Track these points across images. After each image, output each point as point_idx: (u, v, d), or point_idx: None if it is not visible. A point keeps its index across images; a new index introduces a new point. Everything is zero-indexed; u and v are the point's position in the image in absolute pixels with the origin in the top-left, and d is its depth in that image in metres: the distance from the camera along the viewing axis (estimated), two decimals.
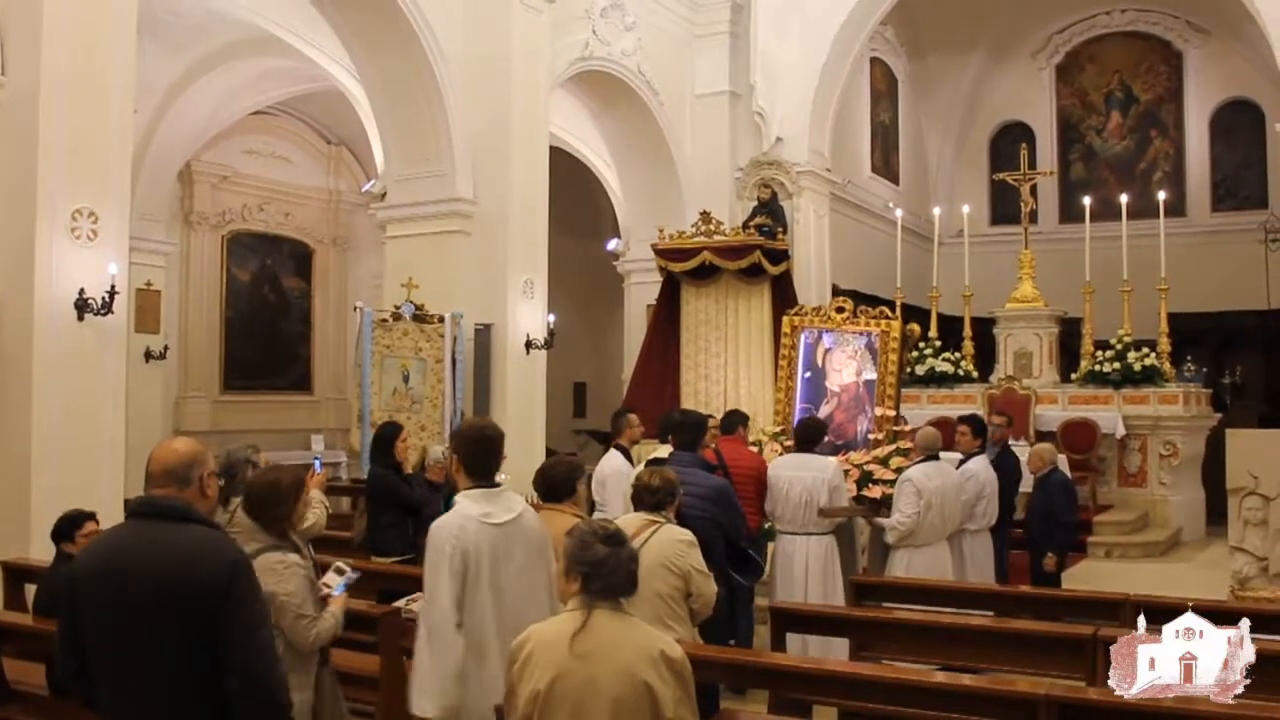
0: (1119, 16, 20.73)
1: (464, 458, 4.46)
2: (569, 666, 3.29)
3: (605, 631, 3.33)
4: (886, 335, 10.41)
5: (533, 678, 3.34)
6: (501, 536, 4.26)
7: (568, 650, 3.30)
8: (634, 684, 3.27)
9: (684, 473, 5.65)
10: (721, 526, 5.79)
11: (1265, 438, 9.61)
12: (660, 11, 15.80)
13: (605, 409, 17.96)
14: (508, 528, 4.30)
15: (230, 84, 15.14)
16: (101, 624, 3.17)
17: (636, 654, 3.31)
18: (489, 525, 4.25)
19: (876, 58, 19.34)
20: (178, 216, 16.32)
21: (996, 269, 15.98)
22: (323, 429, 17.72)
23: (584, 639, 3.30)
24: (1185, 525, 13.31)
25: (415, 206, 12.79)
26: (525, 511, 4.44)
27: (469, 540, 4.20)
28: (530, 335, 12.88)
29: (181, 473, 3.29)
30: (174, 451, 3.33)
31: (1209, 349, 17.56)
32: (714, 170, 16.28)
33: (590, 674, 3.28)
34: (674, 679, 3.32)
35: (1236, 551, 8.50)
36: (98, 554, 3.31)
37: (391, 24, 12.00)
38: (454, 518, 4.29)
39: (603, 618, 3.35)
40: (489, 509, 4.29)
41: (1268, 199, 18.80)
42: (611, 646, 3.31)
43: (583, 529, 3.51)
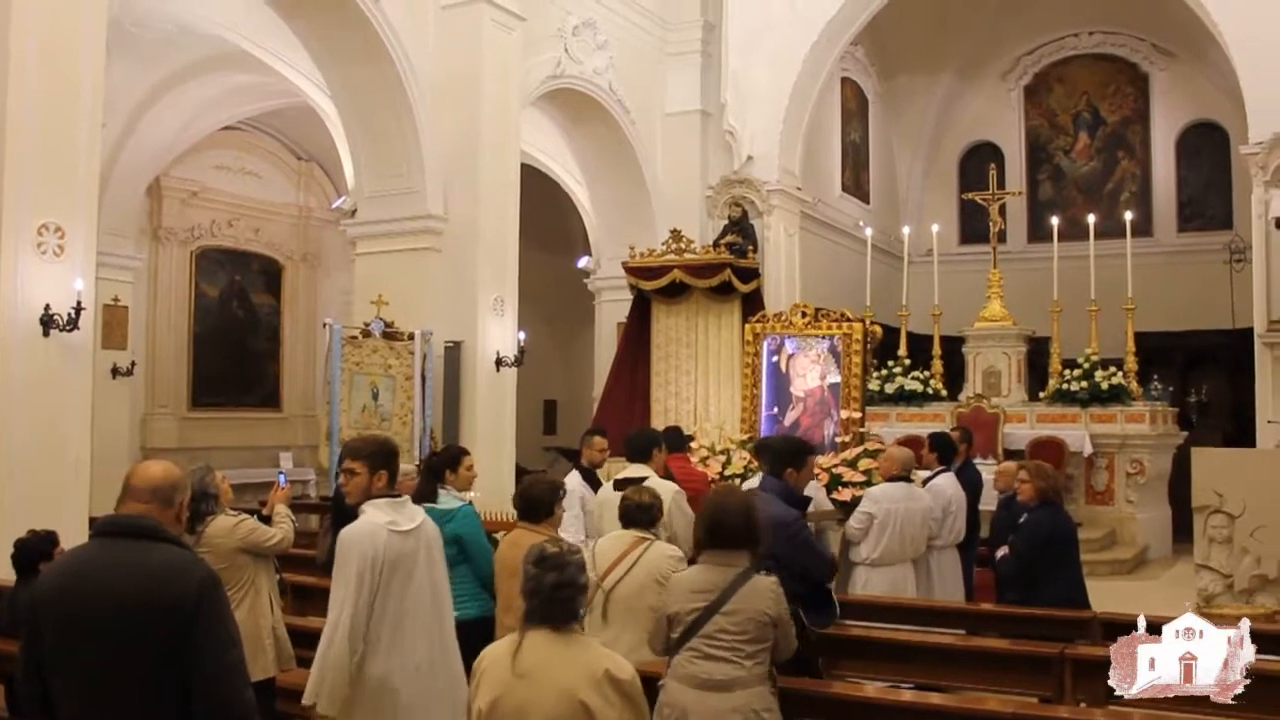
0: (1086, 39, 20.91)
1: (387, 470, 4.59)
2: (510, 686, 3.37)
3: (543, 652, 3.38)
4: (849, 338, 10.45)
5: (479, 696, 3.44)
6: (405, 544, 4.47)
7: (509, 670, 3.38)
8: (571, 704, 3.30)
9: (759, 498, 5.39)
10: (776, 558, 5.18)
11: (1230, 456, 9.72)
12: (632, 30, 15.85)
13: (576, 426, 17.93)
14: (410, 535, 4.50)
15: (200, 99, 15.06)
16: (65, 645, 3.08)
17: (577, 674, 3.34)
18: (395, 533, 4.46)
19: (847, 77, 19.43)
20: (146, 232, 16.21)
21: (965, 288, 16.04)
22: (291, 446, 17.60)
23: (522, 659, 3.38)
24: (1152, 543, 13.39)
25: (385, 223, 12.76)
26: (425, 521, 4.64)
27: (378, 547, 4.40)
28: (500, 353, 12.85)
29: (167, 493, 3.25)
30: (163, 470, 3.29)
31: (1175, 368, 17.69)
32: (685, 188, 16.34)
33: (528, 694, 3.34)
34: (620, 700, 3.35)
35: (1202, 569, 8.56)
36: (62, 573, 3.23)
37: (362, 40, 11.99)
38: (364, 525, 4.47)
39: (537, 639, 3.41)
40: (394, 517, 4.49)
41: (1232, 219, 18.96)
42: (550, 667, 3.36)
43: (530, 552, 3.53)
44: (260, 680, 5.30)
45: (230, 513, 5.84)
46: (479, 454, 10.72)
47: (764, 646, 4.22)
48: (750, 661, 4.16)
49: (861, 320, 10.60)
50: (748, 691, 4.12)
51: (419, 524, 4.56)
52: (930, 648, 6.30)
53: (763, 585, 4.24)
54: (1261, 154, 13.19)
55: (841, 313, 10.74)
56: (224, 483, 5.95)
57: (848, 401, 10.20)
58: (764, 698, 4.17)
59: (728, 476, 8.48)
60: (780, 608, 4.29)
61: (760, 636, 4.20)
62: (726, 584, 4.20)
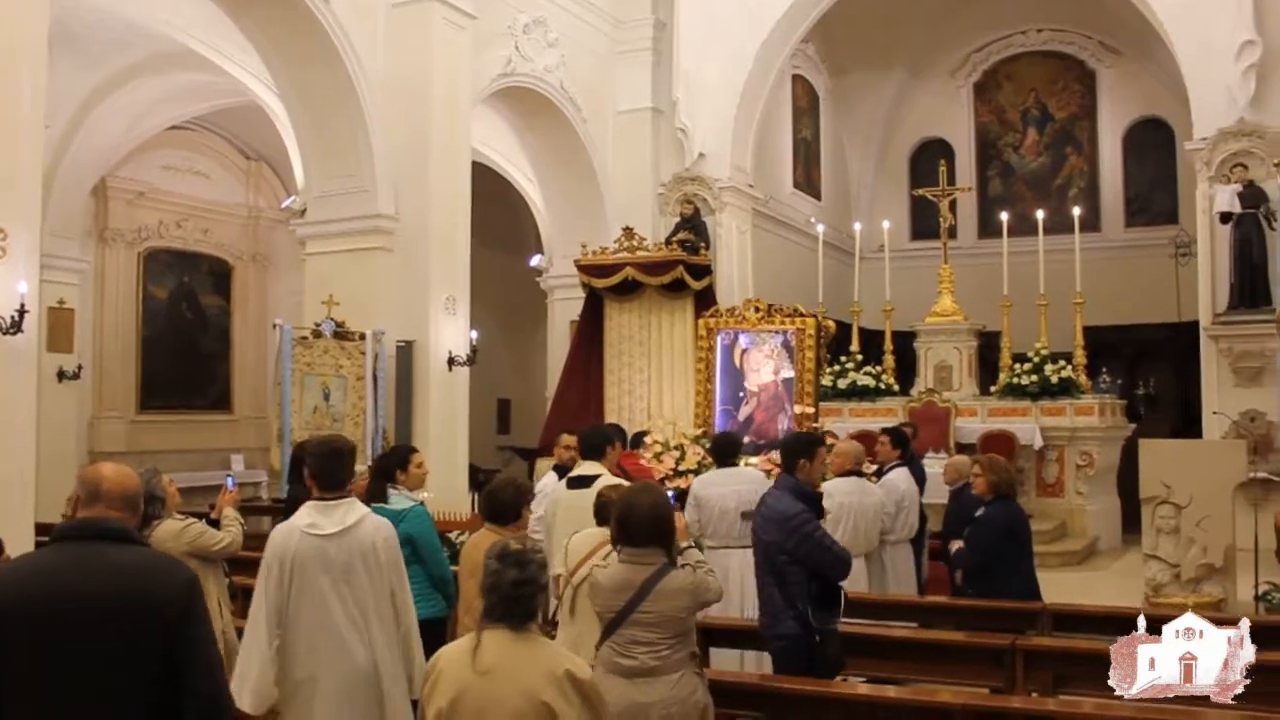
0: (1034, 36, 21.11)
1: (311, 471, 4.64)
2: (470, 684, 3.35)
3: (503, 651, 3.37)
4: (802, 333, 10.47)
5: (438, 696, 3.41)
6: (324, 547, 4.43)
7: (470, 669, 3.36)
8: (534, 703, 3.30)
9: (770, 496, 5.61)
10: (789, 554, 5.33)
11: (1177, 448, 9.84)
12: (583, 28, 15.83)
13: (530, 425, 17.92)
14: (333, 539, 4.45)
15: (147, 98, 14.89)
16: (33, 653, 2.91)
17: (539, 674, 3.35)
18: (311, 536, 4.44)
19: (798, 74, 19.51)
20: (92, 233, 16.01)
21: (917, 283, 16.15)
22: (242, 448, 17.44)
23: (482, 657, 3.36)
24: (1102, 534, 13.54)
25: (336, 223, 12.67)
26: (359, 525, 4.53)
27: (290, 549, 4.43)
28: (453, 352, 12.80)
29: (134, 500, 3.18)
30: (128, 475, 3.21)
31: (1123, 361, 17.90)
32: (637, 186, 16.34)
33: (490, 693, 3.33)
34: (580, 700, 3.36)
35: (1150, 559, 8.67)
36: (23, 578, 3.07)
37: (311, 38, 11.89)
38: (284, 527, 4.55)
39: (496, 637, 3.40)
40: (317, 520, 4.48)
41: (1178, 214, 19.19)
42: (512, 666, 3.35)
43: (493, 547, 3.53)
44: None
45: (177, 516, 5.77)
46: (432, 454, 10.70)
47: (683, 635, 4.28)
48: (670, 651, 4.22)
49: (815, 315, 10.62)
50: (669, 679, 4.18)
51: (347, 527, 4.49)
52: (884, 641, 6.33)
53: (677, 583, 4.26)
54: (1206, 150, 13.37)
55: (795, 308, 10.77)
56: (171, 486, 5.88)
57: (801, 397, 10.22)
58: (685, 683, 4.22)
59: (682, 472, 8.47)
60: (698, 598, 4.35)
61: (680, 629, 4.26)
62: (641, 583, 4.23)
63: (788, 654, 5.38)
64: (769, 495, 5.63)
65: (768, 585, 5.44)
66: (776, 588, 5.37)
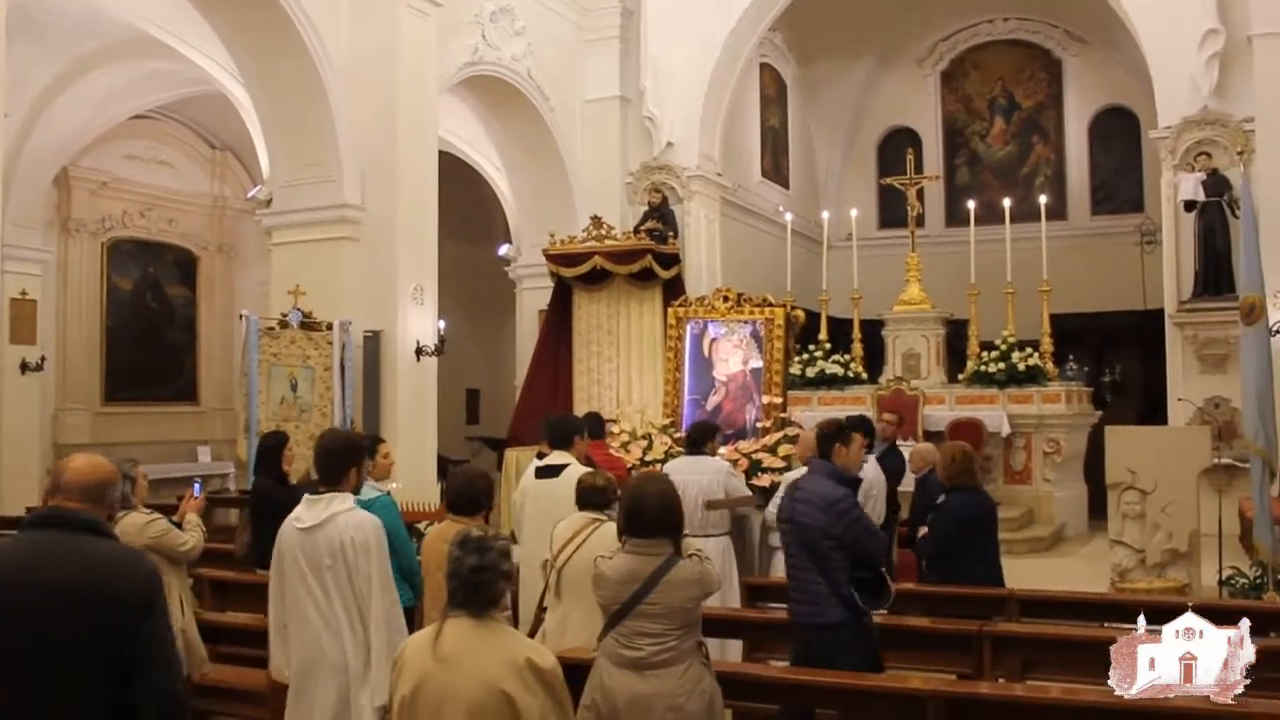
0: (1001, 25, 21.17)
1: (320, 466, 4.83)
2: (432, 673, 3.38)
3: (464, 639, 3.39)
4: (771, 323, 10.47)
5: (402, 684, 3.44)
6: (302, 539, 4.60)
7: (431, 658, 3.38)
8: (493, 692, 3.32)
9: (805, 480, 5.53)
10: (836, 539, 5.21)
11: (1142, 434, 9.90)
12: (550, 17, 15.77)
13: (498, 415, 17.87)
14: (309, 532, 4.59)
15: (109, 86, 14.73)
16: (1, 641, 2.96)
17: (499, 663, 3.35)
18: (294, 529, 4.64)
19: (766, 63, 19.50)
20: (54, 224, 15.84)
21: (884, 272, 16.18)
22: (209, 440, 17.34)
23: (443, 644, 3.39)
24: (1069, 520, 13.61)
25: (302, 212, 12.60)
26: (331, 521, 4.59)
27: (282, 538, 4.68)
28: (421, 342, 12.74)
29: (97, 492, 3.18)
30: (95, 467, 3.21)
31: (1090, 348, 17.98)
32: (605, 175, 16.31)
33: (450, 682, 3.34)
34: (542, 688, 3.37)
35: (1116, 544, 8.71)
36: None
37: (275, 27, 11.80)
38: (289, 517, 4.74)
39: (458, 625, 3.41)
40: (302, 513, 4.66)
41: (1144, 202, 19.32)
42: (472, 654, 3.37)
43: (456, 535, 3.54)
44: None
45: (144, 510, 5.71)
46: (400, 444, 10.67)
47: (690, 626, 4.24)
48: (677, 642, 4.18)
49: (784, 305, 10.61)
50: (673, 670, 4.14)
51: (320, 522, 4.57)
52: None
53: (684, 574, 4.22)
54: (1170, 138, 13.45)
55: (764, 298, 10.76)
56: (142, 479, 5.83)
57: (769, 386, 10.22)
58: (690, 674, 4.18)
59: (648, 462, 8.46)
60: (705, 589, 4.31)
61: (686, 620, 4.22)
62: (649, 574, 4.19)
63: (833, 642, 5.21)
64: (804, 480, 5.55)
65: (805, 572, 5.30)
66: (820, 574, 5.23)
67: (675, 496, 4.43)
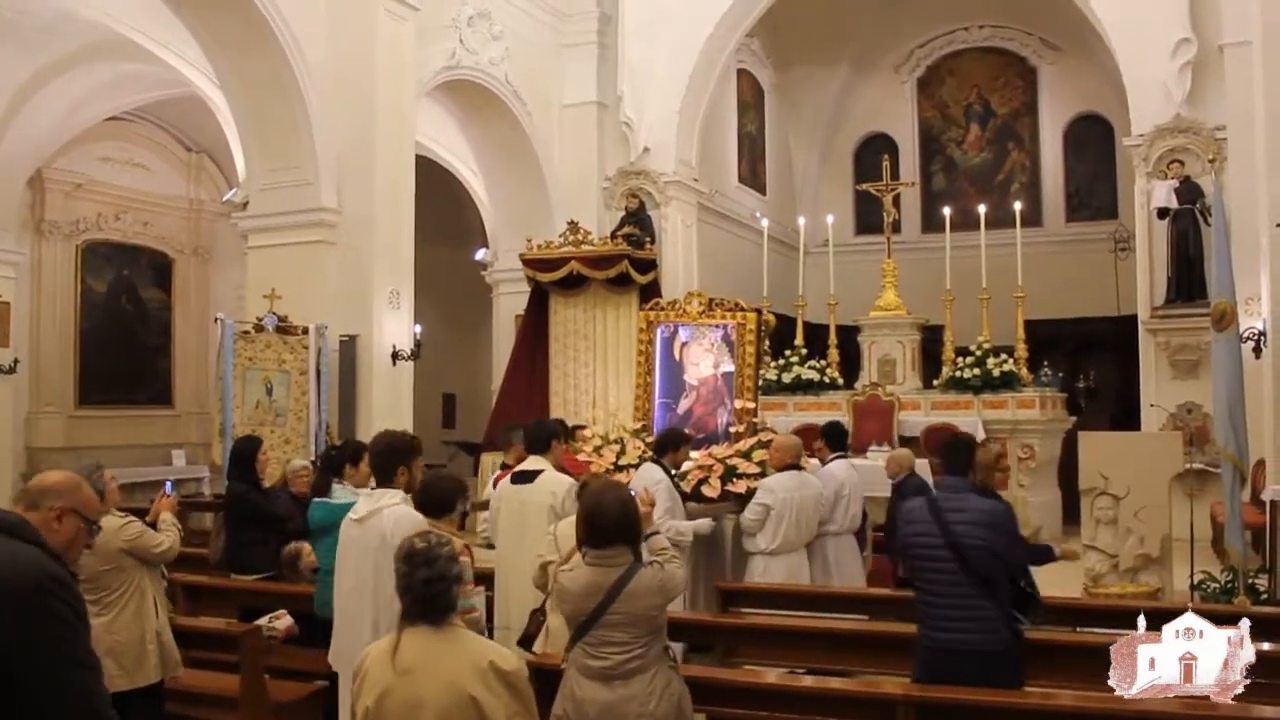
0: (977, 32, 21.30)
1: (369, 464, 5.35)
2: (394, 684, 3.37)
3: (423, 648, 3.38)
4: (743, 327, 10.46)
5: (364, 695, 3.43)
6: (353, 531, 5.04)
7: (391, 668, 3.38)
8: (459, 698, 3.31)
9: (954, 499, 5.15)
10: (1001, 557, 4.99)
11: (1114, 439, 9.95)
12: (528, 21, 15.78)
13: (475, 420, 17.84)
14: (359, 524, 5.01)
15: (84, 88, 14.67)
16: None
17: (462, 668, 3.35)
18: (350, 520, 5.07)
19: (743, 69, 19.55)
20: (28, 225, 15.73)
21: (860, 278, 16.25)
22: (184, 444, 17.25)
23: (402, 657, 3.38)
24: (1044, 525, 13.65)
25: (278, 216, 12.57)
26: (376, 515, 4.96)
27: (342, 530, 5.12)
28: (397, 346, 12.73)
29: (32, 497, 3.05)
30: (43, 476, 3.13)
31: (1064, 354, 18.09)
32: (582, 180, 16.32)
33: (415, 690, 3.34)
34: (506, 690, 3.37)
35: (1089, 549, 8.77)
36: None
37: (252, 29, 11.78)
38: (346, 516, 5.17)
39: (416, 635, 3.41)
40: (360, 507, 5.07)
41: (1118, 209, 19.45)
42: (434, 661, 3.36)
43: (400, 548, 3.56)
44: (144, 686, 5.20)
45: (117, 514, 5.68)
46: None
47: (656, 633, 4.24)
48: (643, 649, 4.17)
49: (756, 310, 10.63)
50: (642, 677, 4.15)
51: (366, 515, 4.97)
52: (828, 633, 6.37)
53: (645, 582, 4.21)
54: (1144, 146, 13.56)
55: (735, 302, 10.76)
56: (112, 483, 5.78)
57: (741, 391, 10.21)
58: (659, 679, 4.19)
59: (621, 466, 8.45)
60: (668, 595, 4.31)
61: (651, 627, 4.21)
62: (610, 585, 4.17)
63: (1001, 666, 4.93)
64: (955, 499, 5.14)
65: (971, 598, 4.95)
66: (988, 598, 4.94)
67: (634, 504, 4.42)
